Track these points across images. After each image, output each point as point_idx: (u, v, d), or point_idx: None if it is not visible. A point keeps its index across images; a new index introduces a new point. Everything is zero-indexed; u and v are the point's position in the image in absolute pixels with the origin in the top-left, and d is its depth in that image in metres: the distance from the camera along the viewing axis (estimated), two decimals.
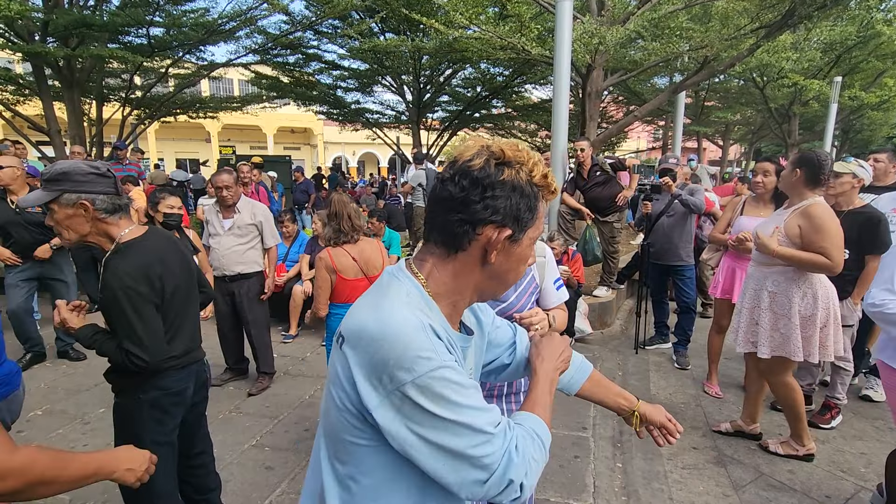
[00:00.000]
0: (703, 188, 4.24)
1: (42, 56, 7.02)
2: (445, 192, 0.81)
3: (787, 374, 2.74)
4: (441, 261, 0.85)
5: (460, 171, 0.81)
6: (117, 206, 1.65)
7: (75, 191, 1.56)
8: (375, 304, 0.80)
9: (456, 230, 0.81)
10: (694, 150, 16.01)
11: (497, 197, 0.79)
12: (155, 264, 1.67)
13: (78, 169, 1.58)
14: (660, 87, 13.37)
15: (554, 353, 1.04)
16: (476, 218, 0.80)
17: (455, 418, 0.73)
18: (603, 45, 5.58)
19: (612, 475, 2.77)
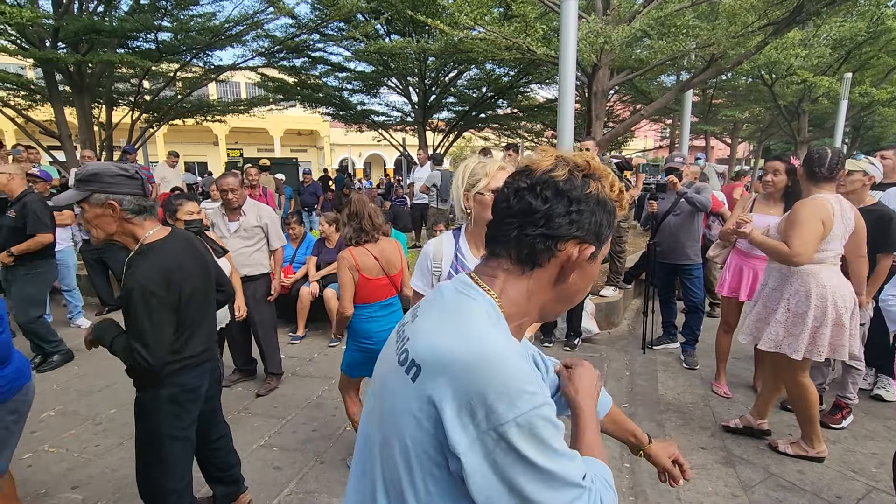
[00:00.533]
0: (709, 187, 4.21)
1: (53, 62, 7.14)
2: (524, 204, 0.74)
3: (801, 374, 2.70)
4: (514, 278, 0.77)
5: (542, 182, 0.74)
6: (143, 207, 1.71)
7: (104, 191, 1.63)
8: (458, 326, 0.70)
9: (536, 246, 0.74)
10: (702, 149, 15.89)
11: (583, 211, 0.74)
12: (174, 269, 1.72)
13: (108, 170, 1.65)
14: (667, 85, 13.29)
15: (591, 386, 0.98)
16: (559, 233, 0.74)
17: (553, 469, 0.65)
18: (608, 44, 5.56)
19: (619, 475, 2.76)
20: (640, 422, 3.31)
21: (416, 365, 0.70)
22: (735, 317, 3.63)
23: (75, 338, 4.50)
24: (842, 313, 2.55)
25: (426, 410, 0.67)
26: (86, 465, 2.80)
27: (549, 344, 4.61)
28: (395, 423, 0.72)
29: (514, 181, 0.77)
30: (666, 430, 3.21)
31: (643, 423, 3.28)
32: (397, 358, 0.75)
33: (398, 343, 0.78)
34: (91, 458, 2.87)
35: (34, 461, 2.84)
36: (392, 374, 0.75)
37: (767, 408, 3.04)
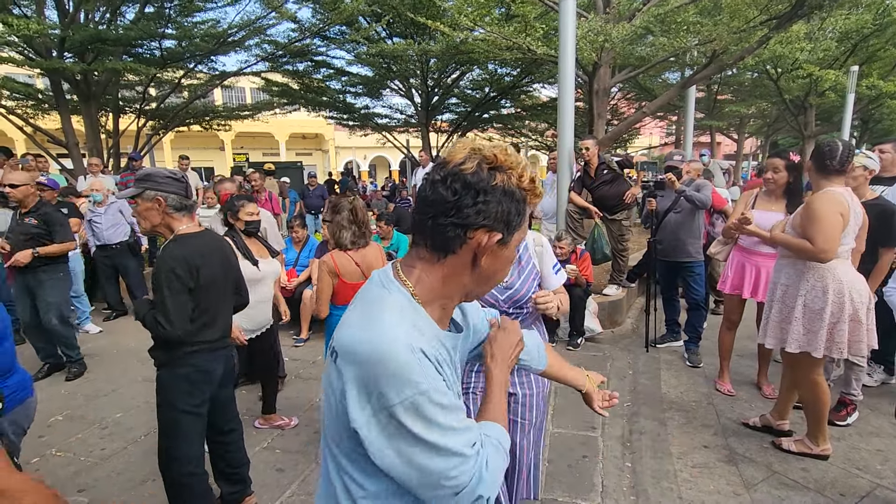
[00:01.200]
0: (710, 184, 4.18)
1: (60, 71, 7.25)
2: (437, 196, 0.80)
3: (816, 372, 2.67)
4: (430, 266, 0.84)
5: (452, 175, 0.80)
6: (184, 205, 2.05)
7: (155, 189, 1.98)
8: (367, 321, 0.80)
9: (447, 234, 0.81)
10: (707, 145, 15.77)
11: (489, 202, 0.80)
12: (196, 256, 2.01)
13: (159, 172, 2.02)
14: (671, 82, 13.21)
15: (505, 351, 1.04)
16: (468, 222, 0.80)
17: (436, 441, 0.75)
18: (609, 42, 5.54)
19: (620, 475, 2.76)
20: (643, 420, 3.30)
21: (335, 350, 0.81)
22: (738, 314, 3.60)
23: (83, 343, 4.57)
24: (858, 308, 2.52)
25: (338, 387, 0.78)
26: (92, 469, 2.84)
27: (551, 343, 4.60)
28: (326, 401, 0.84)
29: (432, 173, 0.83)
30: (668, 428, 3.20)
31: (646, 422, 3.27)
32: (330, 345, 0.85)
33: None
34: (97, 461, 2.92)
35: (41, 465, 2.89)
36: (328, 361, 0.85)
37: (788, 407, 3.00)
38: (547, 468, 2.79)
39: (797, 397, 3.00)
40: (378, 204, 12.34)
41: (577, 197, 5.03)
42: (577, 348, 4.50)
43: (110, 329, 5.30)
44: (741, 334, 3.81)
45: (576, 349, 4.49)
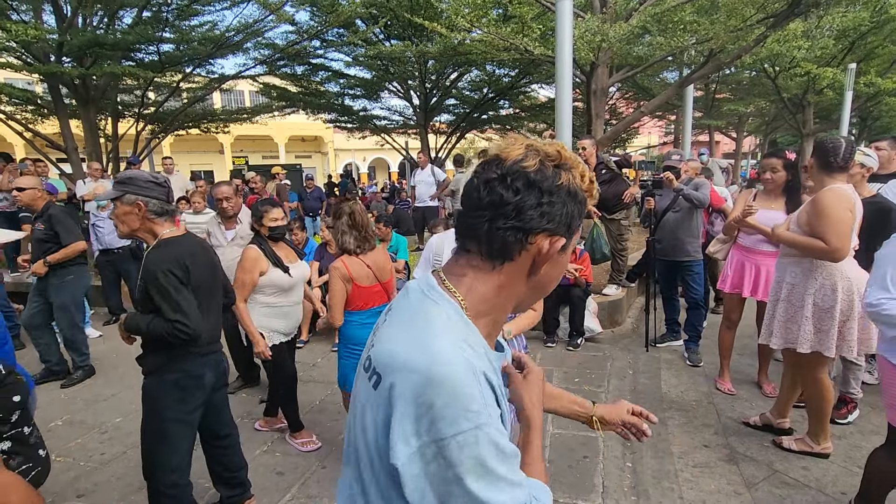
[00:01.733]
0: (708, 183, 4.18)
1: (58, 76, 7.26)
2: (494, 196, 0.71)
3: (820, 371, 2.66)
4: (484, 274, 0.75)
5: (513, 173, 0.71)
6: (165, 210, 2.01)
7: (135, 193, 1.93)
8: (416, 337, 0.69)
9: (507, 239, 0.72)
10: (706, 144, 15.77)
11: (554, 203, 0.72)
12: (186, 256, 1.98)
13: (141, 176, 1.97)
14: (670, 81, 13.21)
15: (540, 394, 0.93)
16: (531, 226, 0.72)
17: (486, 497, 0.63)
18: (606, 42, 5.55)
19: (621, 475, 2.75)
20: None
21: (376, 373, 0.70)
22: (737, 313, 3.60)
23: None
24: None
25: (380, 419, 0.67)
26: (91, 474, 2.84)
27: (551, 344, 4.60)
28: (359, 428, 0.72)
29: (484, 171, 0.74)
30: (669, 428, 3.19)
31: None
32: (363, 364, 0.75)
33: (367, 348, 0.78)
34: (97, 466, 2.91)
35: None
36: (360, 378, 0.76)
37: (788, 406, 3.00)
38: (547, 469, 2.78)
39: (797, 396, 3.00)
40: (377, 206, 12.34)
41: None
42: (578, 348, 4.50)
43: (110, 333, 5.29)
44: (741, 333, 3.81)
45: (576, 349, 4.48)
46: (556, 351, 4.52)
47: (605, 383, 3.86)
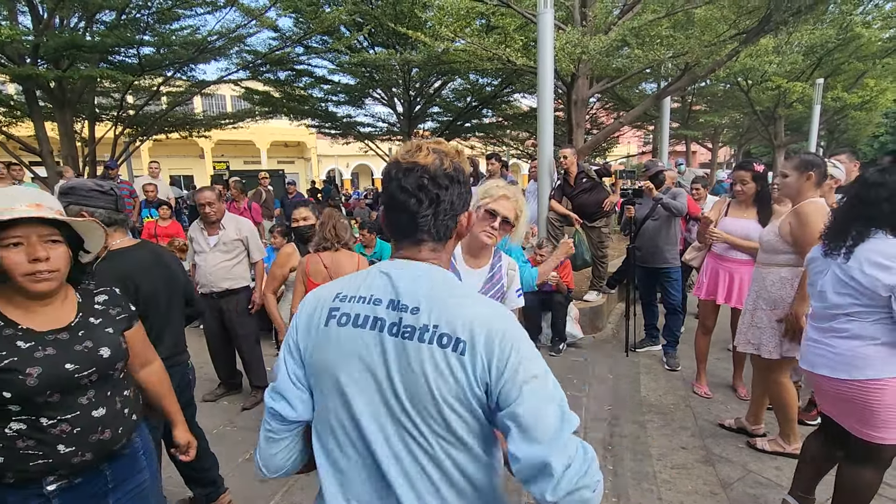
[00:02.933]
0: (685, 192, 4.32)
1: (33, 78, 7.09)
2: (432, 196, 0.92)
3: (783, 374, 2.80)
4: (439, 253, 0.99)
5: (439, 176, 0.93)
6: (114, 220, 1.92)
7: (78, 203, 1.83)
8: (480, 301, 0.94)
9: (449, 225, 0.96)
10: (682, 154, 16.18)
11: (464, 193, 0.98)
12: (132, 272, 1.93)
13: (83, 185, 1.88)
14: (648, 93, 13.55)
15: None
16: (458, 210, 0.97)
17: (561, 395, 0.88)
18: (586, 54, 5.69)
19: (602, 477, 2.80)
20: (624, 424, 3.36)
21: (462, 341, 0.86)
22: (712, 319, 3.71)
23: None
24: None
25: (478, 372, 0.86)
26: None
27: None
28: (438, 396, 0.87)
29: (415, 178, 0.91)
30: (648, 431, 3.27)
31: (626, 425, 3.34)
32: (423, 342, 0.87)
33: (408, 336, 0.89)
34: None
35: None
36: (416, 353, 0.87)
37: (761, 411, 3.10)
38: None
39: (767, 400, 3.11)
40: (361, 212, 12.31)
41: (558, 205, 5.13)
42: (560, 353, 4.56)
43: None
44: (717, 338, 3.92)
45: (558, 354, 4.55)
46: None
47: (586, 388, 3.93)
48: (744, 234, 3.31)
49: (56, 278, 1.24)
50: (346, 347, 0.92)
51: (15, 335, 1.21)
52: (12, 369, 1.17)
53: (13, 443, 1.20)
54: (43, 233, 1.21)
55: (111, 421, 1.34)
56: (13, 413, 1.19)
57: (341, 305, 0.96)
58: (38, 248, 1.19)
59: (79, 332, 1.31)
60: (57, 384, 1.22)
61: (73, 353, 1.27)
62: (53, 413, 1.22)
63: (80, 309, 1.35)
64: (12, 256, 1.17)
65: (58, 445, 1.22)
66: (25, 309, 1.25)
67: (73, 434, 1.25)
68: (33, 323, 1.25)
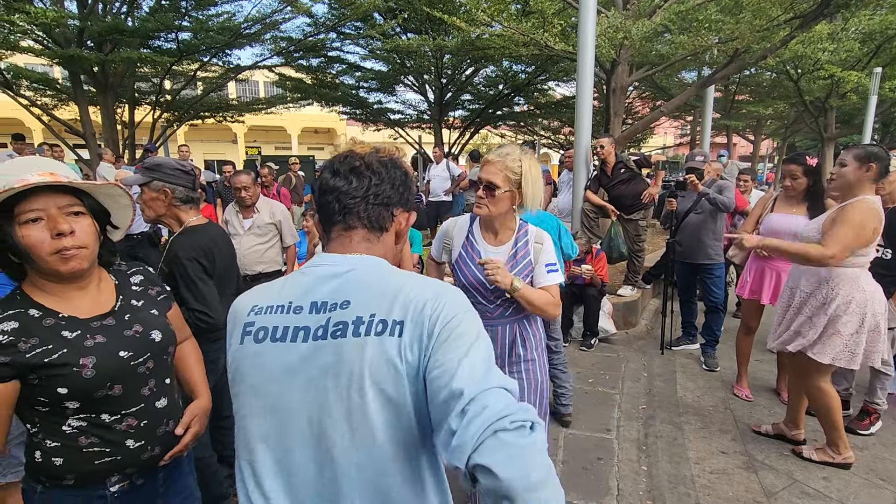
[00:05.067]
0: (733, 186, 4.09)
1: (77, 61, 7.30)
2: (363, 181, 0.91)
3: (821, 379, 2.64)
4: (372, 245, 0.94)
5: (370, 162, 0.93)
6: (190, 198, 2.06)
7: (162, 179, 1.98)
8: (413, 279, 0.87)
9: (382, 214, 0.93)
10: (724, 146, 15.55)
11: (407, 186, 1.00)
12: (211, 245, 2.05)
13: (168, 163, 2.02)
14: (687, 81, 13.03)
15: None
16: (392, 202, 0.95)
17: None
18: (628, 39, 5.45)
19: (636, 478, 2.71)
20: (659, 424, 3.25)
21: (398, 323, 0.77)
22: (756, 320, 3.53)
23: None
24: (879, 320, 2.49)
25: (413, 345, 0.77)
26: None
27: (564, 343, 4.54)
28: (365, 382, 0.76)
29: (348, 162, 0.91)
30: (685, 432, 3.14)
31: (662, 426, 3.22)
32: (359, 336, 0.78)
33: (340, 334, 0.79)
34: None
35: None
36: (349, 351, 0.78)
37: (800, 415, 2.94)
38: (561, 469, 2.75)
39: (805, 403, 2.95)
40: None
41: (594, 195, 4.97)
42: (591, 349, 4.45)
43: None
44: (760, 339, 3.74)
45: (589, 349, 4.43)
46: (569, 351, 4.47)
47: (619, 385, 3.82)
48: (791, 231, 3.11)
49: (85, 256, 1.10)
50: (264, 367, 0.82)
51: (58, 325, 1.09)
52: (65, 363, 1.06)
53: (74, 441, 1.11)
54: (62, 203, 1.07)
55: (172, 411, 1.27)
56: (70, 410, 1.10)
57: (256, 319, 0.85)
58: (59, 220, 1.05)
59: (124, 317, 1.20)
60: (116, 374, 1.13)
61: (125, 339, 1.17)
62: (117, 407, 1.14)
63: (119, 291, 1.24)
64: (34, 234, 1.03)
65: (126, 441, 1.15)
66: (60, 296, 1.13)
67: (142, 427, 1.18)
68: (74, 310, 1.13)
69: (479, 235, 1.88)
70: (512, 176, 1.73)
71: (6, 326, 1.04)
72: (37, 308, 1.10)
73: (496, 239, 1.87)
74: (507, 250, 1.85)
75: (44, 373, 1.05)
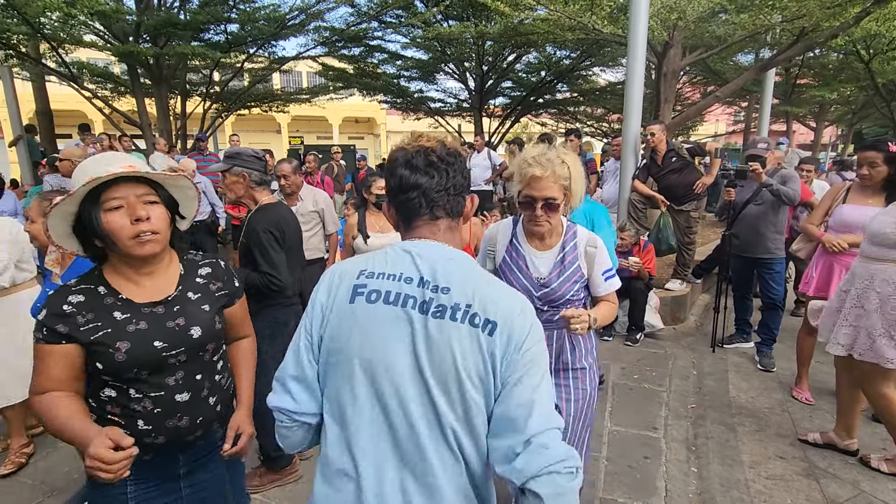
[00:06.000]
0: (798, 176, 3.79)
1: (135, 55, 7.63)
2: (443, 175, 0.99)
3: (885, 385, 2.45)
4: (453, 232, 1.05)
5: (446, 156, 1.01)
6: (264, 180, 2.37)
7: (241, 166, 2.29)
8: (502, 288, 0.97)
9: (459, 202, 1.03)
10: (783, 133, 14.63)
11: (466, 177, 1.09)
12: (281, 220, 2.34)
13: (245, 151, 2.34)
14: (743, 64, 12.30)
15: None
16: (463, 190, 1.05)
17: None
18: (682, 20, 5.18)
19: (685, 479, 2.61)
20: (710, 424, 3.11)
21: (490, 322, 0.89)
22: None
23: None
24: None
25: (499, 353, 0.90)
26: None
27: (608, 338, 4.43)
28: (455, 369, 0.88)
29: (424, 157, 0.97)
30: (738, 435, 3.00)
31: (713, 426, 3.09)
32: (455, 321, 0.89)
33: (439, 315, 0.90)
34: None
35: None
36: (446, 331, 0.89)
37: (854, 423, 2.75)
38: (606, 466, 2.68)
39: (859, 410, 2.75)
40: None
41: (642, 185, 4.77)
42: (636, 344, 4.31)
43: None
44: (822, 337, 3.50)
45: (634, 345, 4.30)
46: (613, 345, 4.35)
47: (666, 382, 3.68)
48: (865, 223, 2.87)
49: (158, 241, 1.21)
50: (374, 323, 0.92)
51: (114, 304, 1.21)
52: (103, 342, 1.17)
53: (104, 408, 1.22)
54: (140, 192, 1.19)
55: (191, 409, 1.28)
56: (106, 381, 1.21)
57: (368, 282, 0.95)
58: (137, 207, 1.18)
59: (174, 308, 1.27)
60: (145, 362, 1.20)
61: (164, 329, 1.23)
62: (143, 387, 1.21)
63: (181, 282, 1.31)
64: (116, 220, 1.16)
65: (137, 420, 1.21)
66: (128, 279, 1.24)
67: (153, 414, 1.22)
68: (133, 293, 1.23)
69: (523, 240, 1.82)
70: (563, 182, 1.68)
71: (74, 299, 1.18)
72: (105, 286, 1.22)
73: (543, 244, 1.81)
74: (553, 255, 1.79)
75: (89, 347, 1.17)
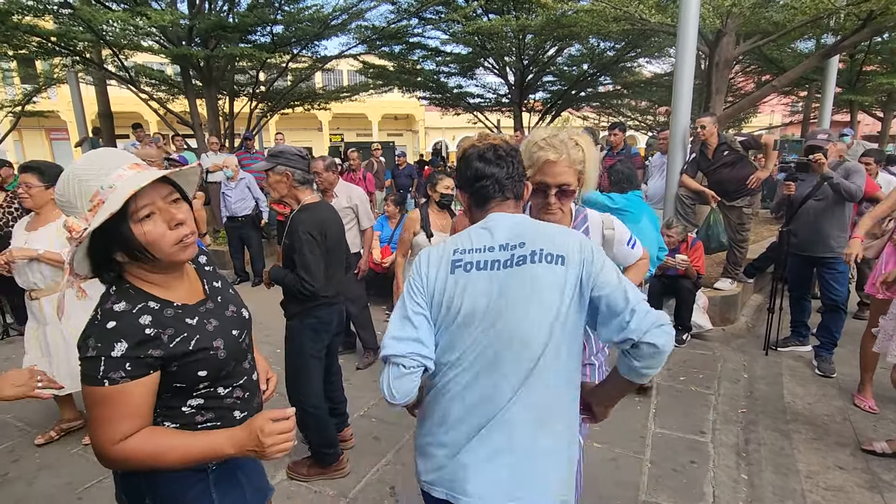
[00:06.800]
0: (863, 170, 3.53)
1: (188, 58, 7.99)
2: (509, 164, 1.28)
3: None
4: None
5: (507, 151, 1.30)
6: (307, 179, 2.40)
7: (285, 164, 2.31)
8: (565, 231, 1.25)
9: (520, 187, 1.31)
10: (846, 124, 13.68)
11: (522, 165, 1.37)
12: (324, 222, 2.36)
13: (289, 150, 2.36)
14: (802, 51, 11.57)
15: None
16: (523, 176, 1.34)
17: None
18: (736, 6, 4.92)
19: (735, 486, 2.50)
20: (762, 430, 2.97)
21: (559, 256, 1.16)
22: None
23: None
24: None
25: (573, 277, 1.17)
26: None
27: None
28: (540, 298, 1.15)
29: (494, 152, 1.27)
30: (793, 442, 2.85)
31: (765, 433, 2.94)
32: (535, 263, 1.16)
33: (522, 262, 1.16)
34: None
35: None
36: (531, 272, 1.15)
37: None
38: (650, 469, 2.61)
39: None
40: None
41: (691, 180, 4.58)
42: (683, 345, 4.15)
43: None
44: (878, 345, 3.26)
45: (681, 346, 4.14)
46: None
47: (714, 385, 3.53)
48: None
49: (195, 240, 1.11)
50: (474, 287, 1.17)
51: (177, 313, 1.09)
52: (203, 348, 1.09)
53: (192, 419, 1.13)
54: (164, 193, 1.05)
55: (257, 384, 1.31)
56: (196, 390, 1.12)
57: (463, 257, 1.20)
58: (172, 210, 1.05)
59: (217, 299, 1.22)
60: (237, 353, 1.18)
61: (229, 319, 1.20)
62: (229, 381, 1.18)
63: (200, 274, 1.25)
64: (153, 228, 1.02)
65: (234, 412, 1.19)
66: (163, 285, 1.11)
67: (245, 399, 1.22)
68: (180, 298, 1.13)
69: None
70: (578, 167, 1.61)
71: (144, 320, 1.03)
72: (154, 300, 1.08)
73: None
74: None
75: (186, 360, 1.07)
